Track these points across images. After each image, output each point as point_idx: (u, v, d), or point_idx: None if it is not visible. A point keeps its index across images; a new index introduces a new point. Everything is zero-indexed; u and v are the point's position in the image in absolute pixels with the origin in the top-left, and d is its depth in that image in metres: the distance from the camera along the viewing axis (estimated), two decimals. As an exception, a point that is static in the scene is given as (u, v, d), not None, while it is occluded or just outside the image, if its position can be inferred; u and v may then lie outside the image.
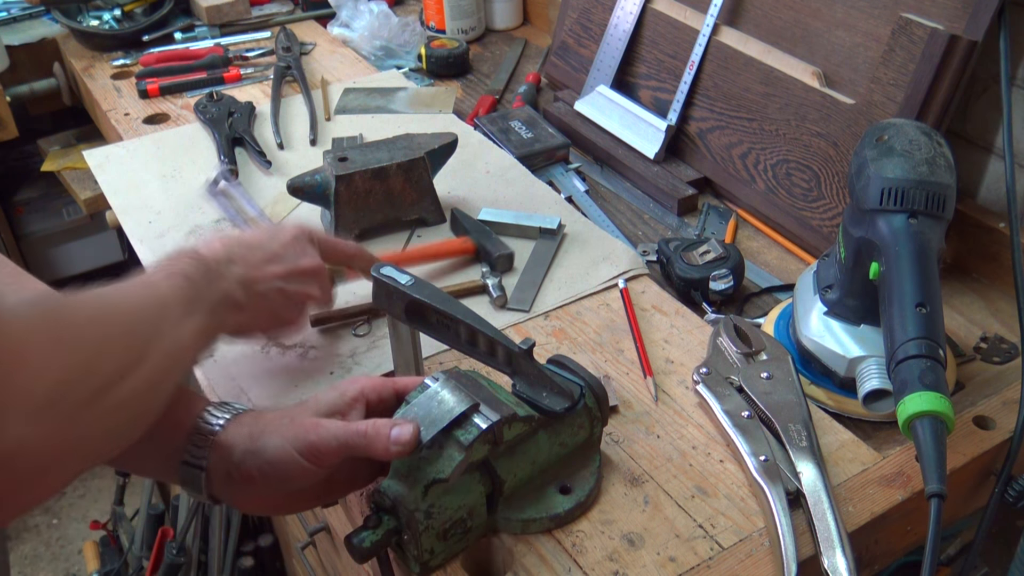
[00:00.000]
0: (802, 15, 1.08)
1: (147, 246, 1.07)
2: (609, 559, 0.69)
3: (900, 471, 0.74)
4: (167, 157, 1.25)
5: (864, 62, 1.01)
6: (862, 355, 0.80)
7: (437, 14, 1.62)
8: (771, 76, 1.09)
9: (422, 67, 1.54)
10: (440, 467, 0.64)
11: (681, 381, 0.85)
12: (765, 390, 0.79)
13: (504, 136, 1.26)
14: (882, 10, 0.99)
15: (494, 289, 0.95)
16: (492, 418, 0.65)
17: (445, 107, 1.38)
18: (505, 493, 0.70)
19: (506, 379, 0.72)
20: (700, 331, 0.91)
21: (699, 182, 1.18)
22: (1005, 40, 0.90)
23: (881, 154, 0.77)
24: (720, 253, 0.98)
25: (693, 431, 0.80)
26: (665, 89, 1.24)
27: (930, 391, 0.67)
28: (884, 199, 0.75)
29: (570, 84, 1.38)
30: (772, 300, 1.00)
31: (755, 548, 0.69)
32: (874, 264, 0.76)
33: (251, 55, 1.55)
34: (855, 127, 0.98)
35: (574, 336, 0.91)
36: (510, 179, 1.17)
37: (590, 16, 1.34)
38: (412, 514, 0.64)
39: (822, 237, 1.02)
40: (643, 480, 0.75)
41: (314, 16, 1.72)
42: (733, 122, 1.14)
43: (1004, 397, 0.81)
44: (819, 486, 0.71)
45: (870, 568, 0.75)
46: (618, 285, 0.97)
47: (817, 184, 1.03)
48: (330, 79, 1.47)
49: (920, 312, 0.71)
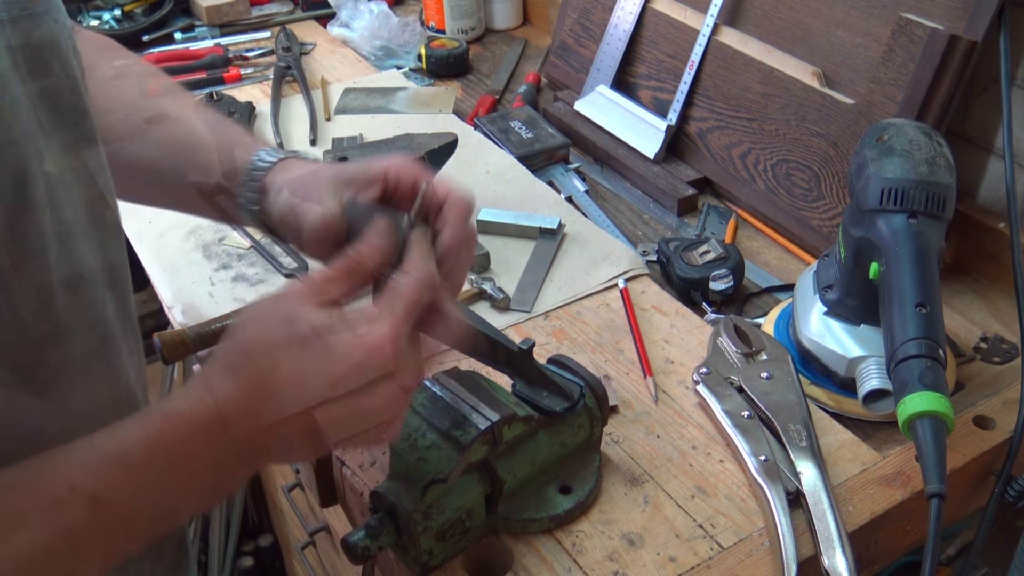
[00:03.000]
0: (802, 15, 1.08)
1: (147, 246, 1.07)
2: (609, 559, 0.69)
3: (900, 471, 0.74)
4: (167, 157, 1.25)
5: (864, 62, 1.01)
6: (862, 355, 0.80)
7: (437, 14, 1.62)
8: (771, 76, 1.09)
9: (422, 67, 1.54)
10: (439, 467, 0.64)
11: (681, 381, 0.85)
12: (765, 390, 0.79)
13: (504, 136, 1.26)
14: (882, 10, 0.99)
15: (494, 292, 0.95)
16: (491, 418, 0.65)
17: (445, 107, 1.38)
18: (505, 493, 0.70)
19: (506, 379, 0.72)
20: (700, 331, 0.91)
21: (699, 182, 1.18)
22: (1005, 40, 0.90)
23: (881, 154, 0.77)
24: (720, 253, 0.98)
25: (693, 431, 0.80)
26: (665, 89, 1.24)
27: (930, 391, 0.67)
28: (884, 199, 0.75)
29: (570, 84, 1.38)
30: (772, 300, 1.00)
31: (755, 548, 0.69)
32: (874, 264, 0.76)
33: (251, 55, 1.55)
34: (855, 127, 0.98)
35: (574, 336, 0.91)
36: (510, 179, 1.17)
37: (590, 16, 1.34)
38: (410, 515, 0.64)
39: (822, 237, 1.02)
40: (643, 480, 0.75)
41: (314, 16, 1.72)
42: (733, 122, 1.14)
43: (1004, 397, 0.81)
44: (819, 486, 0.71)
45: (870, 568, 0.75)
46: (618, 285, 0.97)
47: (817, 184, 1.03)
48: (330, 79, 1.47)
49: (920, 312, 0.71)
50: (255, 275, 1.03)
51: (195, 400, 0.55)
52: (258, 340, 0.56)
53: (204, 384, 0.55)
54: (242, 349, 0.56)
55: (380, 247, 0.60)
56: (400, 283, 0.58)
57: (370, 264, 0.59)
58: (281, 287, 0.59)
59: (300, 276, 1.01)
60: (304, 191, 0.67)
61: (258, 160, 0.71)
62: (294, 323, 0.55)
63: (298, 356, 0.54)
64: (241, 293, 1.00)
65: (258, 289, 1.00)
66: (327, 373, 0.54)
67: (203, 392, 0.55)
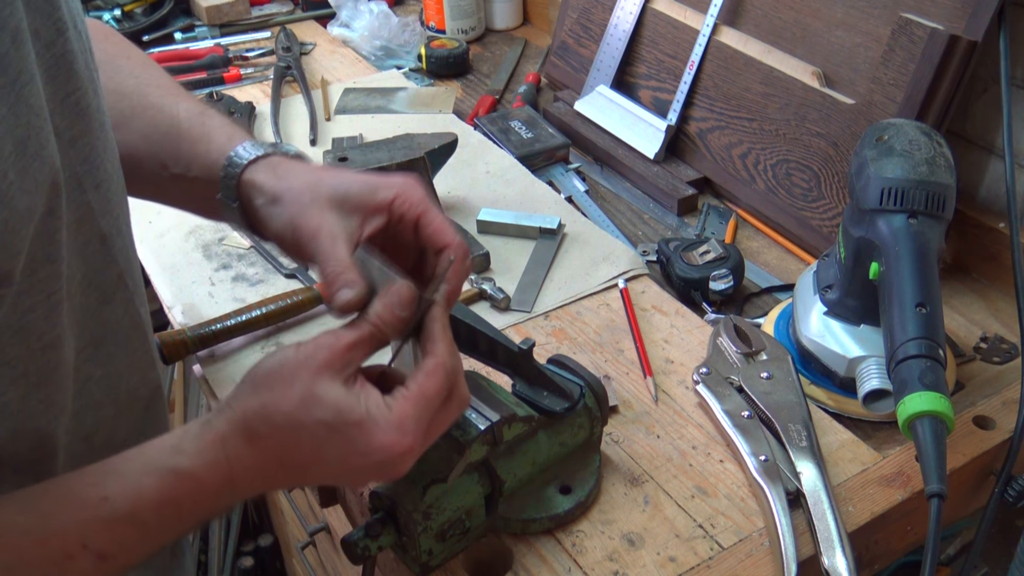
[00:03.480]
0: (802, 15, 1.08)
1: (147, 246, 1.07)
2: (609, 559, 0.69)
3: (900, 471, 0.74)
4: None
5: (864, 62, 1.01)
6: (862, 355, 0.80)
7: (437, 14, 1.62)
8: (771, 76, 1.09)
9: (422, 67, 1.54)
10: (438, 467, 0.64)
11: (681, 381, 0.85)
12: (765, 390, 0.79)
13: (504, 136, 1.26)
14: (882, 10, 0.99)
15: (494, 292, 0.95)
16: (491, 418, 0.65)
17: (445, 107, 1.38)
18: (505, 493, 0.70)
19: (506, 379, 0.72)
20: (700, 331, 0.91)
21: (699, 182, 1.18)
22: (1005, 40, 0.90)
23: (881, 154, 0.77)
24: (720, 253, 0.98)
25: (693, 431, 0.80)
26: (665, 89, 1.24)
27: (930, 391, 0.67)
28: (884, 199, 0.75)
29: (570, 84, 1.38)
30: (772, 300, 1.00)
31: (755, 548, 0.69)
32: (874, 264, 0.76)
33: (251, 55, 1.55)
34: (855, 127, 0.98)
35: (574, 336, 0.91)
36: (510, 179, 1.17)
37: (590, 16, 1.34)
38: (410, 515, 0.64)
39: (822, 237, 1.02)
40: (643, 480, 0.75)
41: (314, 16, 1.72)
42: (733, 122, 1.14)
43: (1004, 397, 0.81)
44: (819, 486, 0.71)
45: (870, 568, 0.75)
46: (618, 285, 0.97)
47: (817, 184, 1.03)
48: (330, 79, 1.47)
49: (920, 312, 0.71)
50: (255, 275, 1.03)
51: (209, 463, 0.54)
52: (283, 414, 0.54)
53: (221, 444, 0.55)
54: (264, 417, 0.55)
55: (403, 319, 0.58)
56: (428, 369, 0.57)
57: (392, 335, 0.58)
58: (309, 344, 0.56)
59: (301, 276, 1.01)
60: (305, 214, 0.63)
61: (235, 156, 0.67)
62: (320, 405, 0.54)
63: (321, 441, 0.55)
64: (241, 293, 1.00)
65: (258, 289, 1.00)
66: (346, 464, 0.56)
67: (218, 454, 0.54)
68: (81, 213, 0.59)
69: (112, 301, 0.64)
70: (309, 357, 0.55)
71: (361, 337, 0.57)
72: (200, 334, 0.90)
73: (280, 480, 0.58)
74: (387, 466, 0.56)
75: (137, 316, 0.67)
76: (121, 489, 0.53)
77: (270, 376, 0.56)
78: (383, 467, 0.56)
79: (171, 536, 0.56)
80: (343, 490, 0.80)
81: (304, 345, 0.56)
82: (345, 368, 0.56)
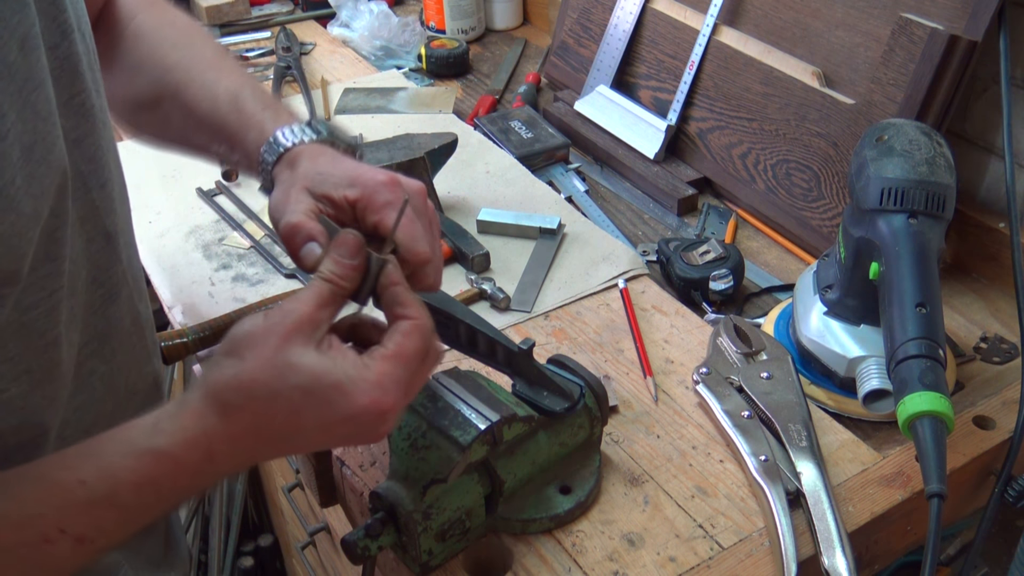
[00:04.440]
0: (802, 15, 1.08)
1: (147, 246, 1.07)
2: (609, 559, 0.69)
3: (900, 471, 0.74)
4: (167, 157, 1.25)
5: (864, 62, 1.01)
6: (862, 355, 0.80)
7: (437, 14, 1.62)
8: (771, 76, 1.09)
9: (422, 67, 1.54)
10: (439, 468, 0.64)
11: (681, 381, 0.85)
12: (765, 390, 0.79)
13: (504, 136, 1.26)
14: (882, 10, 0.99)
15: (494, 292, 0.95)
16: (491, 418, 0.65)
17: (445, 107, 1.38)
18: (505, 493, 0.70)
19: (506, 379, 0.72)
20: (700, 331, 0.91)
21: (699, 182, 1.18)
22: (1005, 40, 0.90)
23: (881, 154, 0.77)
24: (720, 253, 0.98)
25: (693, 431, 0.80)
26: (665, 89, 1.24)
27: (930, 391, 0.67)
28: (884, 199, 0.75)
29: (570, 84, 1.38)
30: (772, 300, 1.00)
31: (755, 548, 0.69)
32: (874, 264, 0.76)
33: (251, 55, 1.55)
34: (855, 127, 0.98)
35: (574, 336, 0.91)
36: (510, 179, 1.17)
37: (590, 16, 1.34)
38: (410, 515, 0.64)
39: (822, 237, 1.02)
40: (643, 480, 0.75)
41: (314, 16, 1.72)
42: (733, 122, 1.14)
43: (1004, 397, 0.81)
44: (819, 486, 0.71)
45: (870, 568, 0.75)
46: (618, 285, 0.97)
47: (817, 184, 1.03)
48: (330, 79, 1.47)
49: (920, 312, 0.71)
50: (255, 275, 1.03)
51: (187, 440, 0.54)
52: (257, 383, 0.53)
53: (197, 420, 0.54)
54: (237, 388, 0.54)
55: (354, 266, 0.57)
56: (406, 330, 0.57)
57: (350, 286, 0.58)
58: (275, 311, 0.55)
59: (301, 276, 1.01)
60: (279, 195, 0.64)
61: (266, 152, 0.68)
62: (295, 371, 0.53)
63: (299, 407, 0.54)
64: (241, 293, 1.00)
65: (258, 289, 1.00)
66: (328, 429, 0.55)
67: (196, 430, 0.54)
68: (86, 212, 0.59)
69: (118, 298, 0.64)
70: (276, 324, 0.54)
71: (321, 295, 0.56)
72: (200, 334, 0.90)
73: (261, 451, 0.57)
74: (369, 427, 0.55)
75: (136, 312, 0.68)
76: (98, 472, 0.53)
77: (239, 345, 0.54)
78: (366, 428, 0.55)
79: (151, 516, 0.56)
80: (343, 490, 0.80)
81: (271, 312, 0.55)
82: (315, 332, 0.55)
